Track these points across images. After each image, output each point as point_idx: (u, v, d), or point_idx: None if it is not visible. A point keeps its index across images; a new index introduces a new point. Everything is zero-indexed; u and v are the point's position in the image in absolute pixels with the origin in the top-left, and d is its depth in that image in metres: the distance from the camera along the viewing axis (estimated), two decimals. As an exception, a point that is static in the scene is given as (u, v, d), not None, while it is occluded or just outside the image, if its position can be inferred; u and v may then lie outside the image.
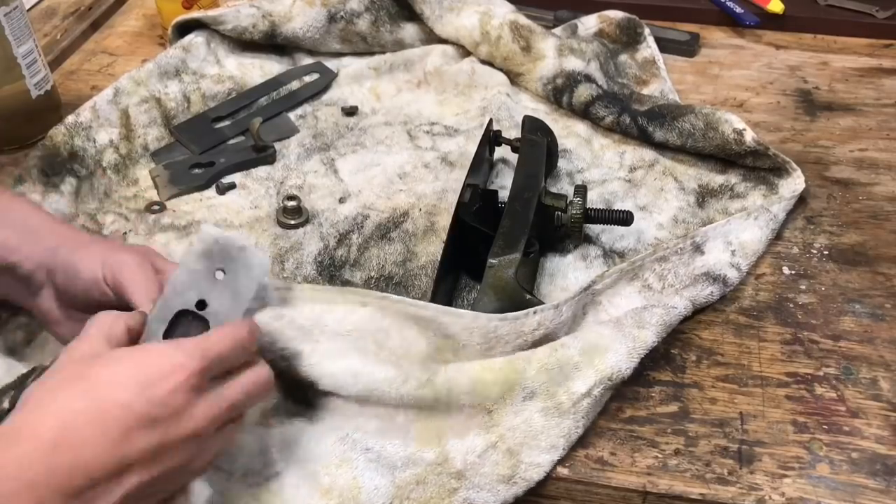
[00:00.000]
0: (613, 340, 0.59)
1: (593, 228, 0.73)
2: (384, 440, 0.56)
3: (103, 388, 0.44)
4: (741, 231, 0.70)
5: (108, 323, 0.48)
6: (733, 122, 0.76)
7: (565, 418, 0.56)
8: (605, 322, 0.61)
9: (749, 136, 0.75)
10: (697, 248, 0.68)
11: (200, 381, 0.46)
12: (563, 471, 0.56)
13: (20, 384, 0.54)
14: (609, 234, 0.73)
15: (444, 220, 0.73)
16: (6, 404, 0.51)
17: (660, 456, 0.57)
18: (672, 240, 0.70)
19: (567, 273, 0.70)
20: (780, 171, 0.76)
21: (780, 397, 0.60)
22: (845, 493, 0.54)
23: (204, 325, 0.50)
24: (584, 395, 0.57)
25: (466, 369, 0.57)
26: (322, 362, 0.56)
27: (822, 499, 0.54)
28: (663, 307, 0.62)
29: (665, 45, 0.96)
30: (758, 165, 0.77)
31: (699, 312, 0.66)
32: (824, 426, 0.58)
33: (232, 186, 0.79)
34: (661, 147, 0.81)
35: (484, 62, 0.91)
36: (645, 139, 0.81)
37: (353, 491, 0.54)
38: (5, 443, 0.42)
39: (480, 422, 0.56)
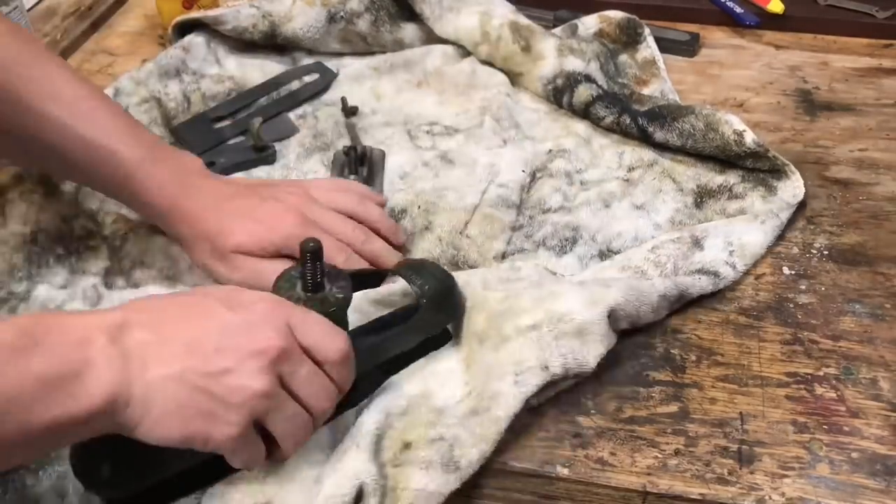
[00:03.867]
0: (569, 291, 0.61)
1: (589, 227, 0.73)
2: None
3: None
4: (744, 233, 0.70)
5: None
6: (734, 124, 0.76)
7: (511, 344, 0.58)
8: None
9: (749, 137, 0.75)
10: (697, 243, 0.68)
11: (282, 320, 0.49)
12: (563, 471, 0.56)
13: None
14: (605, 234, 0.73)
15: (442, 219, 0.73)
16: None
17: (660, 456, 0.57)
18: (669, 233, 0.70)
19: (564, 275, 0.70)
20: (779, 173, 0.76)
21: (780, 397, 0.60)
22: (845, 493, 0.54)
23: None
24: (530, 326, 0.59)
25: None
26: None
27: (822, 499, 0.54)
28: (637, 277, 0.64)
29: (665, 45, 0.96)
30: (757, 167, 0.77)
31: (699, 312, 0.66)
32: (824, 426, 0.58)
33: (232, 186, 0.79)
34: (661, 147, 0.81)
35: (484, 62, 0.91)
36: (645, 139, 0.81)
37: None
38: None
39: (459, 375, 0.60)
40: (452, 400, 0.58)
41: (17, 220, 0.72)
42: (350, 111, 0.87)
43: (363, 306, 0.63)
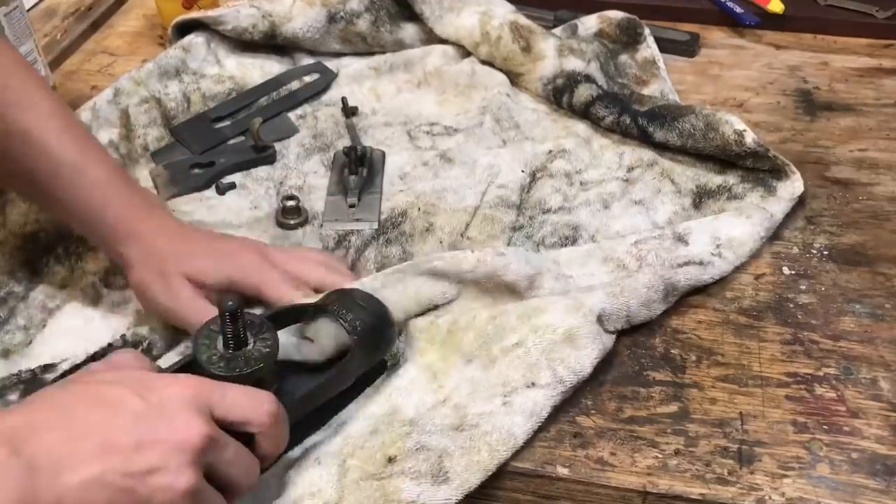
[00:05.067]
0: (553, 303, 0.61)
1: (588, 227, 0.73)
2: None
3: (109, 402, 0.45)
4: (731, 227, 0.70)
5: (129, 362, 0.50)
6: (734, 124, 0.76)
7: (499, 365, 0.59)
8: (556, 292, 0.64)
9: (749, 137, 0.75)
10: (680, 239, 0.68)
11: (201, 402, 0.46)
12: (563, 471, 0.56)
13: (32, 379, 0.55)
14: (605, 234, 0.73)
15: (443, 220, 0.73)
16: (14, 397, 0.51)
17: (660, 456, 0.57)
18: (651, 230, 0.70)
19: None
20: (779, 173, 0.76)
21: (780, 397, 0.60)
22: (845, 493, 0.54)
23: None
24: (515, 344, 0.59)
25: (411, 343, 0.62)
26: None
27: (822, 499, 0.54)
28: (619, 271, 0.64)
29: (665, 45, 0.96)
30: (757, 167, 0.77)
31: (699, 312, 0.66)
32: (824, 426, 0.58)
33: (232, 186, 0.79)
34: (661, 148, 0.81)
35: (484, 62, 0.91)
36: (645, 139, 0.81)
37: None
38: None
39: (426, 383, 0.60)
40: (423, 407, 0.58)
41: (17, 220, 0.72)
42: (350, 111, 0.87)
43: (296, 341, 0.58)
